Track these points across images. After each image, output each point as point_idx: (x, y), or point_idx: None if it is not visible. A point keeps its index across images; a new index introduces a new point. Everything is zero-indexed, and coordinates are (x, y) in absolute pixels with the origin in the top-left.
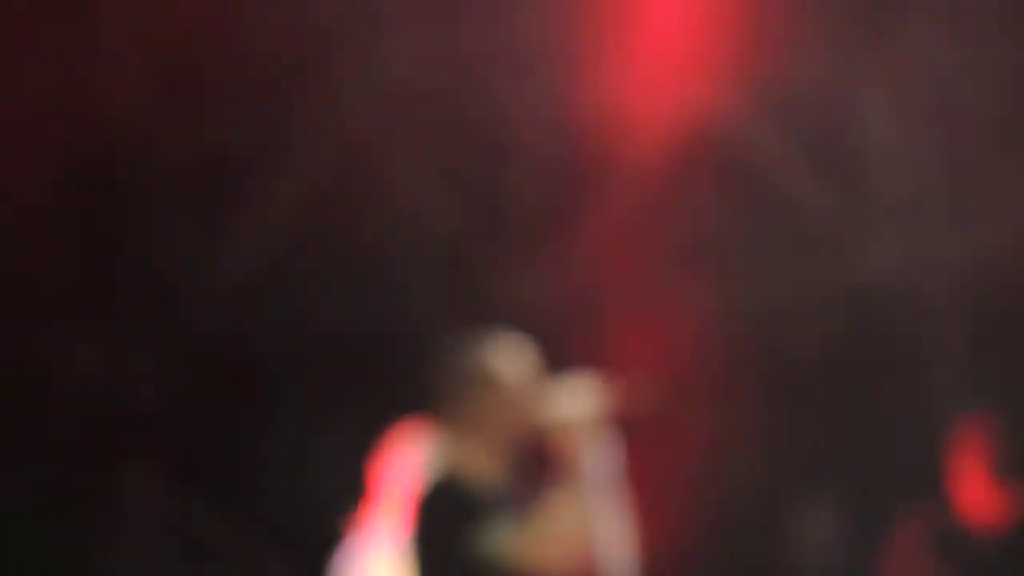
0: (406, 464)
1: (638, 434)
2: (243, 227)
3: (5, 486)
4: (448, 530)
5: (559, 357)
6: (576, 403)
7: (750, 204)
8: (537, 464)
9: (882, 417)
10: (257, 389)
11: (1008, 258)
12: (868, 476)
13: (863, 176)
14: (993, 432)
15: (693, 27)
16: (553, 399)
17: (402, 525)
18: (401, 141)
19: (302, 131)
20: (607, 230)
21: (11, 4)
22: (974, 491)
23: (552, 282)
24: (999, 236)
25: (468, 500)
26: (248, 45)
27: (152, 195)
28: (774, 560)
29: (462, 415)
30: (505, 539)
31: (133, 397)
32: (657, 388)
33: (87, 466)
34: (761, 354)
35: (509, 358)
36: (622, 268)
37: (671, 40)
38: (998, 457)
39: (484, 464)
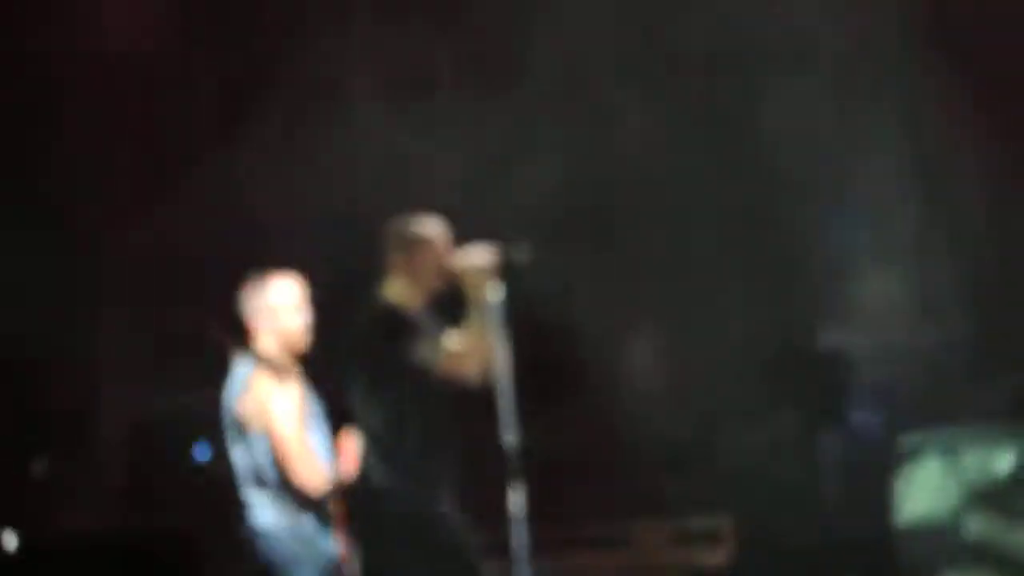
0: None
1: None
2: None
3: None
4: (392, 346)
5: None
6: (478, 257)
7: None
8: (450, 299)
9: None
10: None
11: None
12: None
13: None
14: None
15: None
16: (462, 255)
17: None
18: None
19: None
20: None
21: None
22: None
23: None
24: None
25: (406, 324)
26: None
27: None
28: None
29: (401, 265)
30: (431, 350)
31: None
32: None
33: None
34: None
35: (432, 227)
36: None
37: None
38: None
39: (416, 300)
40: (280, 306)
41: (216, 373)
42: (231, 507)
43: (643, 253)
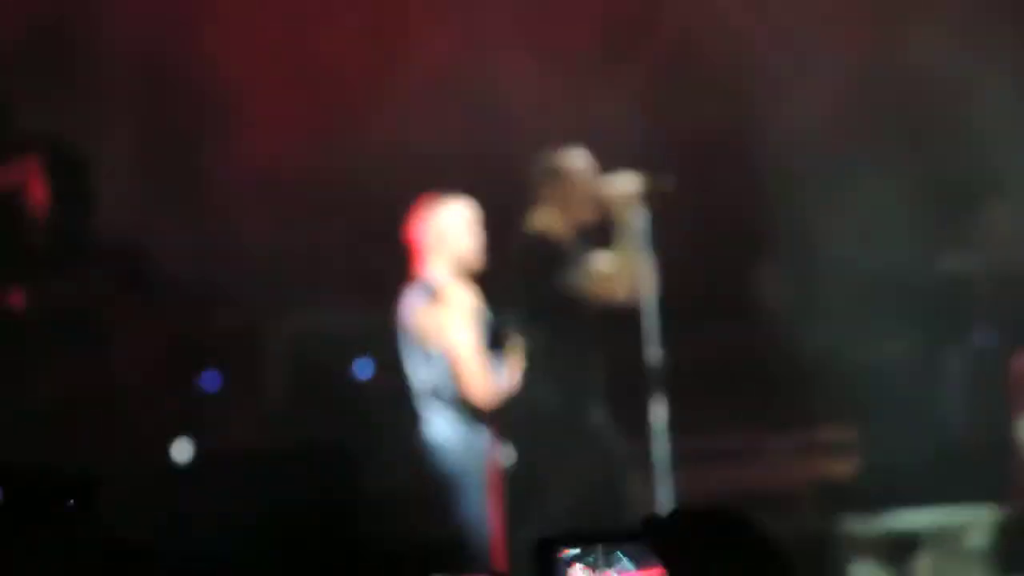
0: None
1: None
2: None
3: None
4: (544, 270)
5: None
6: (625, 185)
7: None
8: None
9: None
10: None
11: None
12: None
13: None
14: None
15: None
16: (610, 183)
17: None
18: None
19: None
20: None
21: None
22: None
23: None
24: None
25: (556, 251)
26: None
27: None
28: None
29: (551, 196)
30: (581, 274)
31: None
32: None
33: None
34: None
35: (580, 158)
36: None
37: None
38: None
39: (565, 228)
40: (453, 229)
41: (379, 294)
42: (389, 421)
43: (780, 180)
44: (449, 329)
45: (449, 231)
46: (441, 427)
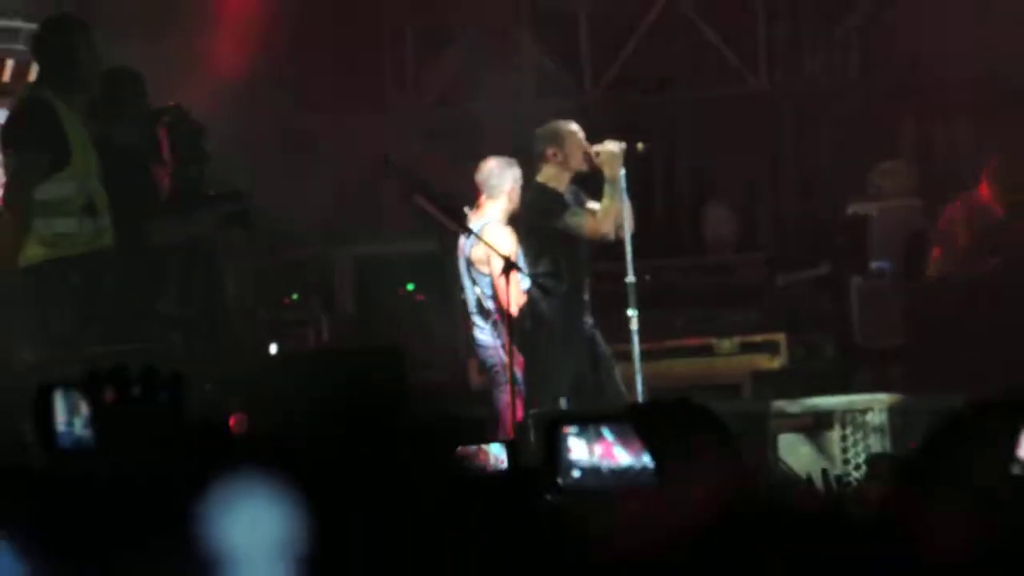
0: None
1: None
2: None
3: None
4: (545, 211)
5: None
6: (612, 146)
7: None
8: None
9: None
10: None
11: None
12: None
13: None
14: None
15: None
16: (601, 144)
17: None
18: None
19: None
20: None
21: None
22: None
23: None
24: None
25: (556, 196)
26: None
27: None
28: None
29: (552, 156)
30: (578, 214)
31: None
32: None
33: None
34: None
35: (574, 125)
36: None
37: None
38: None
39: (563, 182)
40: (499, 178)
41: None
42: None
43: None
44: (493, 258)
45: (498, 180)
46: (486, 333)
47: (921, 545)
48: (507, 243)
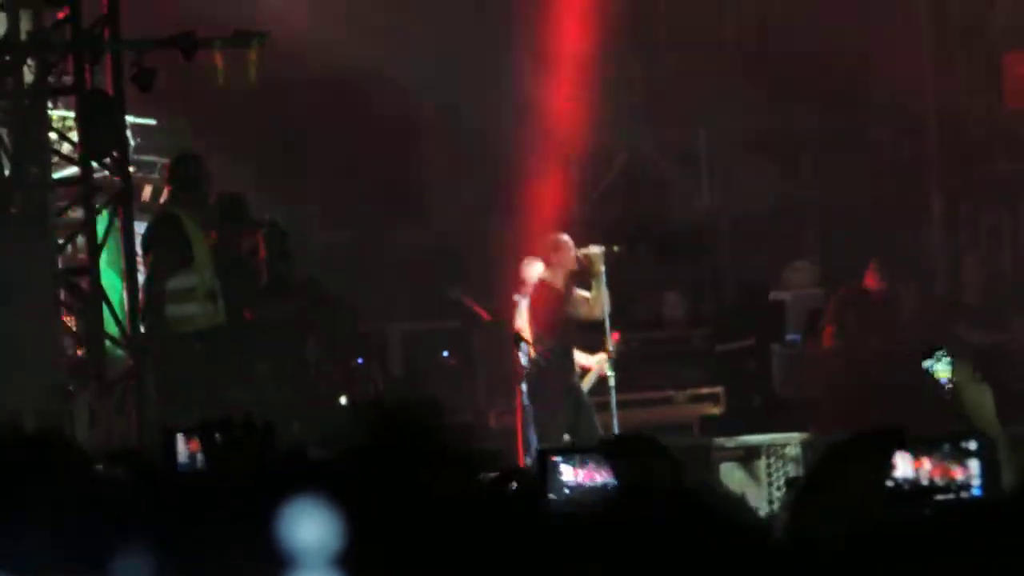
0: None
1: None
2: None
3: None
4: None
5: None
6: (596, 250)
7: None
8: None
9: None
10: None
11: None
12: None
13: None
14: None
15: None
16: (587, 249)
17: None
18: None
19: None
20: None
21: None
22: None
23: None
24: None
25: (556, 290)
26: None
27: None
28: None
29: (554, 259)
30: (574, 303)
31: None
32: None
33: None
34: None
35: (566, 237)
36: None
37: None
38: None
39: (561, 278)
40: (528, 274)
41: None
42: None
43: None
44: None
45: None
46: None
47: (815, 544)
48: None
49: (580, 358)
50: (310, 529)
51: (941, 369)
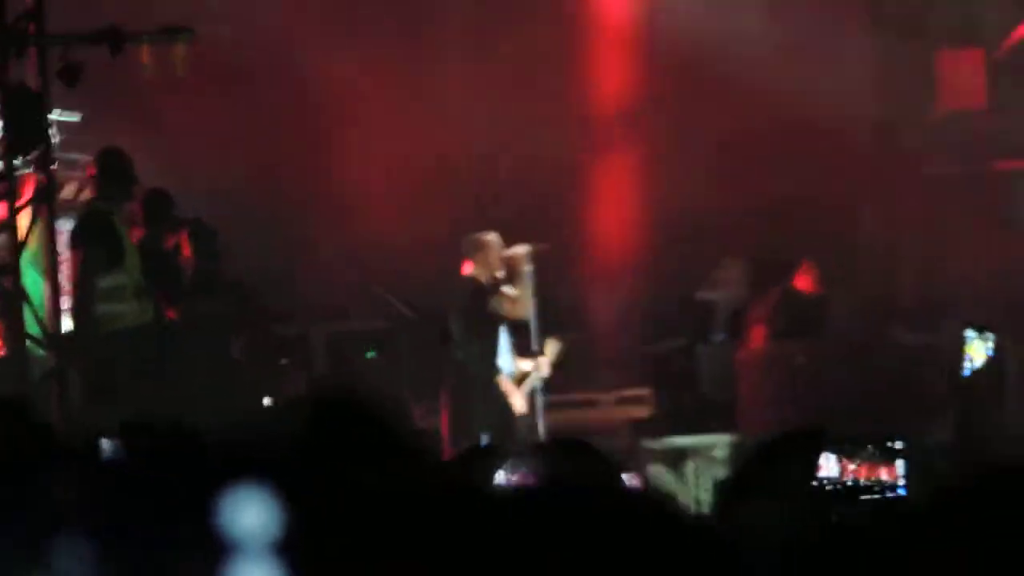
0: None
1: None
2: None
3: None
4: (477, 302)
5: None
6: (521, 249)
7: None
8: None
9: None
10: None
11: None
12: None
13: None
14: None
15: None
16: (513, 248)
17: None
18: None
19: None
20: None
21: None
22: None
23: None
24: None
25: (484, 290)
26: None
27: None
28: None
29: (479, 258)
30: (499, 303)
31: None
32: None
33: None
34: None
35: (493, 236)
36: None
37: None
38: None
39: (488, 276)
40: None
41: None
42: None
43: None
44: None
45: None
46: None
47: (741, 540)
48: None
49: (520, 363)
50: (250, 517)
51: (976, 348)
